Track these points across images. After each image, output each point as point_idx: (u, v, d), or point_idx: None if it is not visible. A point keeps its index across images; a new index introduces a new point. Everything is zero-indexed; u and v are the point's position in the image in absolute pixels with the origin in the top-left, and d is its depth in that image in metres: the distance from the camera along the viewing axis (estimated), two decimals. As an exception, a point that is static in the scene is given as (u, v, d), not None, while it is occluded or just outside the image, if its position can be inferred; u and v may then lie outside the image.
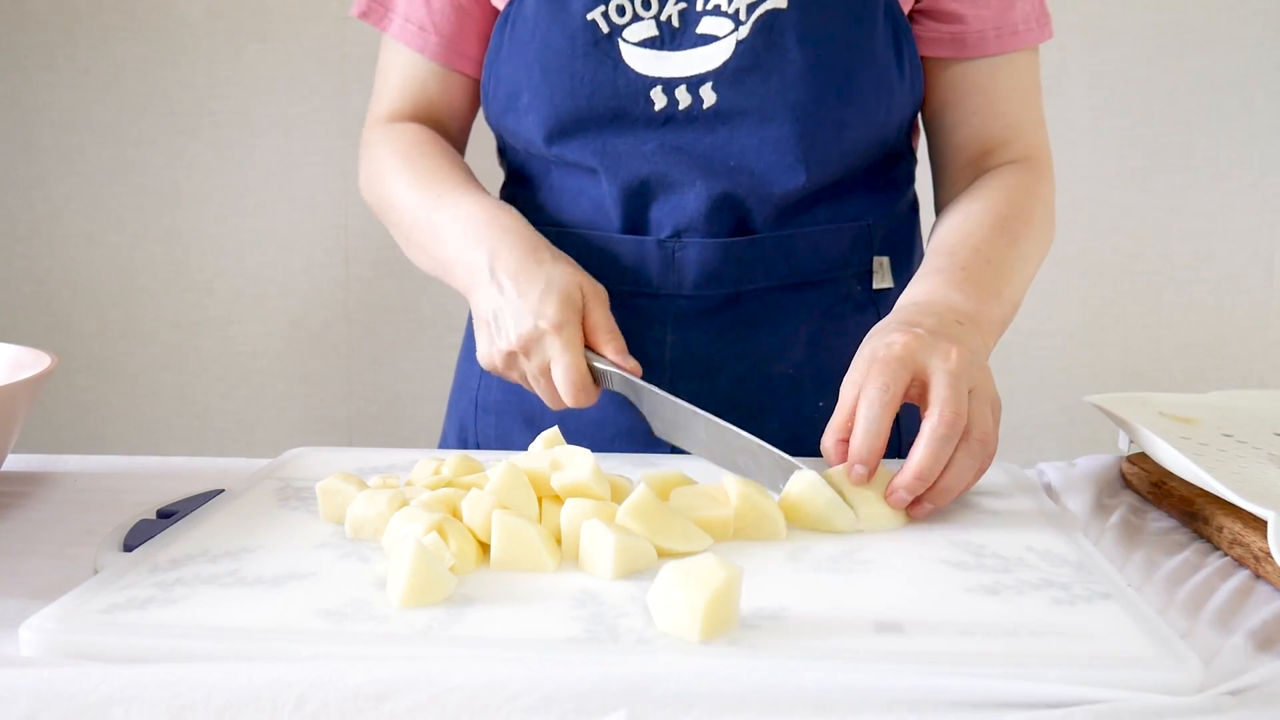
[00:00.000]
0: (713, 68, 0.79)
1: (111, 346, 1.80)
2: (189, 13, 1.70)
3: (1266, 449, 0.72)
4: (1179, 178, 1.70)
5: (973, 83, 0.86)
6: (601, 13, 0.80)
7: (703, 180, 0.81)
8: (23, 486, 0.73)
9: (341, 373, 1.80)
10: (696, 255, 0.82)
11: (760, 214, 0.82)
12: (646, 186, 0.82)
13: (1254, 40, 1.65)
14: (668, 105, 0.80)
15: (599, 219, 0.85)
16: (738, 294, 0.84)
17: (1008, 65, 0.85)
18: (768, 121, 0.79)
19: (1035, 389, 1.76)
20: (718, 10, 0.79)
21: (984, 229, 0.79)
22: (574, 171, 0.85)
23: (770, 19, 0.78)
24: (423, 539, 0.53)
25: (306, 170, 1.73)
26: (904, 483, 0.62)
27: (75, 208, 1.76)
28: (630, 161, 0.81)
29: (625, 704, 0.42)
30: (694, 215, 0.82)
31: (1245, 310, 1.73)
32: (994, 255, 0.78)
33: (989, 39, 0.84)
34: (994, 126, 0.86)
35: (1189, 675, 0.44)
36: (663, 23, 0.80)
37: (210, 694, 0.43)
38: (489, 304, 0.76)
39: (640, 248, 0.83)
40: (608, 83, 0.80)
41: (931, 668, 0.44)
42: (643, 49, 0.80)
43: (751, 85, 0.79)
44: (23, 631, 0.48)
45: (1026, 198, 0.83)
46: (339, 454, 0.77)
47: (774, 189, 0.81)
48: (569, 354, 0.73)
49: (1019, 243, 0.80)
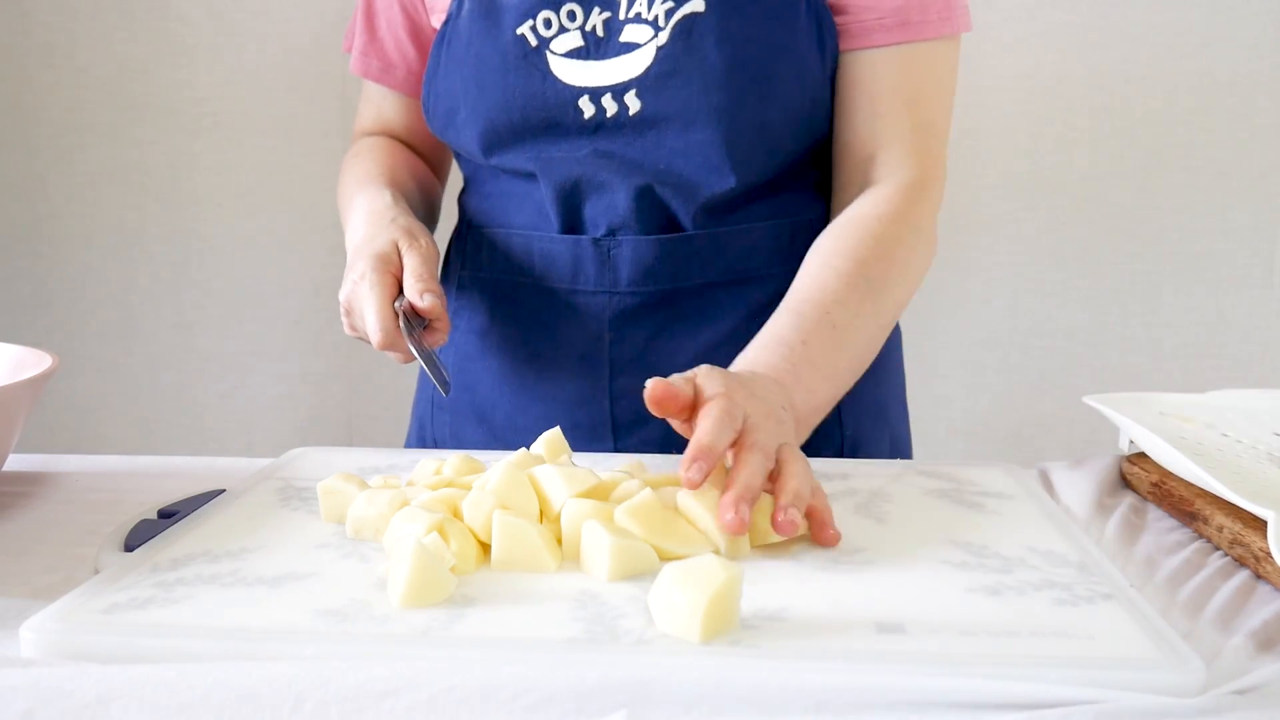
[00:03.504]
0: (636, 75, 0.80)
1: (111, 346, 1.80)
2: (189, 13, 1.70)
3: (1266, 449, 0.72)
4: (1179, 178, 1.70)
5: (854, 77, 0.83)
6: (530, 27, 0.81)
7: (631, 180, 0.82)
8: (23, 486, 0.73)
9: (341, 373, 1.80)
10: (630, 252, 0.83)
11: (689, 213, 0.83)
12: (579, 188, 0.83)
13: (1254, 40, 1.65)
14: (596, 113, 0.81)
15: (539, 221, 0.86)
16: (674, 291, 0.84)
17: (892, 59, 0.81)
18: (691, 125, 0.79)
19: (1035, 389, 1.76)
20: (639, 18, 0.80)
21: (841, 282, 0.77)
22: (514, 177, 0.86)
23: (689, 23, 0.79)
24: (423, 539, 0.53)
25: (306, 170, 1.73)
26: (692, 456, 0.58)
27: (75, 208, 1.76)
28: (563, 166, 0.82)
29: (625, 704, 0.42)
30: (625, 213, 0.83)
31: (1245, 310, 1.73)
32: (840, 320, 0.75)
33: (872, 29, 0.81)
34: (876, 126, 0.83)
35: (1191, 676, 0.44)
36: (588, 33, 0.81)
37: (210, 693, 0.43)
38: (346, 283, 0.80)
39: (577, 246, 0.84)
40: (537, 94, 0.81)
41: (932, 668, 0.44)
42: (569, 60, 0.81)
43: (673, 90, 0.79)
44: (23, 631, 0.48)
45: (894, 232, 0.80)
46: (340, 454, 0.77)
47: (703, 191, 0.82)
48: (370, 298, 0.75)
49: (875, 295, 0.78)
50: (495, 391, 0.90)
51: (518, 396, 0.89)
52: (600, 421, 0.86)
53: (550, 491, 0.59)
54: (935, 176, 0.84)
